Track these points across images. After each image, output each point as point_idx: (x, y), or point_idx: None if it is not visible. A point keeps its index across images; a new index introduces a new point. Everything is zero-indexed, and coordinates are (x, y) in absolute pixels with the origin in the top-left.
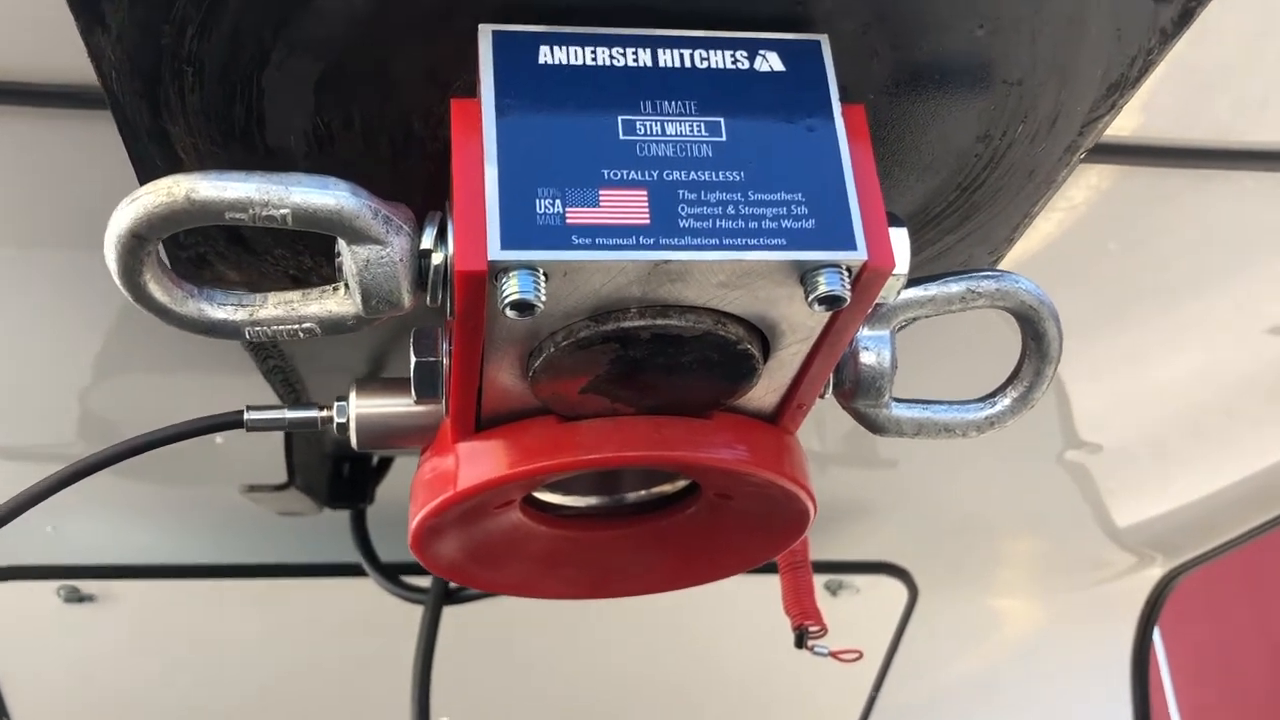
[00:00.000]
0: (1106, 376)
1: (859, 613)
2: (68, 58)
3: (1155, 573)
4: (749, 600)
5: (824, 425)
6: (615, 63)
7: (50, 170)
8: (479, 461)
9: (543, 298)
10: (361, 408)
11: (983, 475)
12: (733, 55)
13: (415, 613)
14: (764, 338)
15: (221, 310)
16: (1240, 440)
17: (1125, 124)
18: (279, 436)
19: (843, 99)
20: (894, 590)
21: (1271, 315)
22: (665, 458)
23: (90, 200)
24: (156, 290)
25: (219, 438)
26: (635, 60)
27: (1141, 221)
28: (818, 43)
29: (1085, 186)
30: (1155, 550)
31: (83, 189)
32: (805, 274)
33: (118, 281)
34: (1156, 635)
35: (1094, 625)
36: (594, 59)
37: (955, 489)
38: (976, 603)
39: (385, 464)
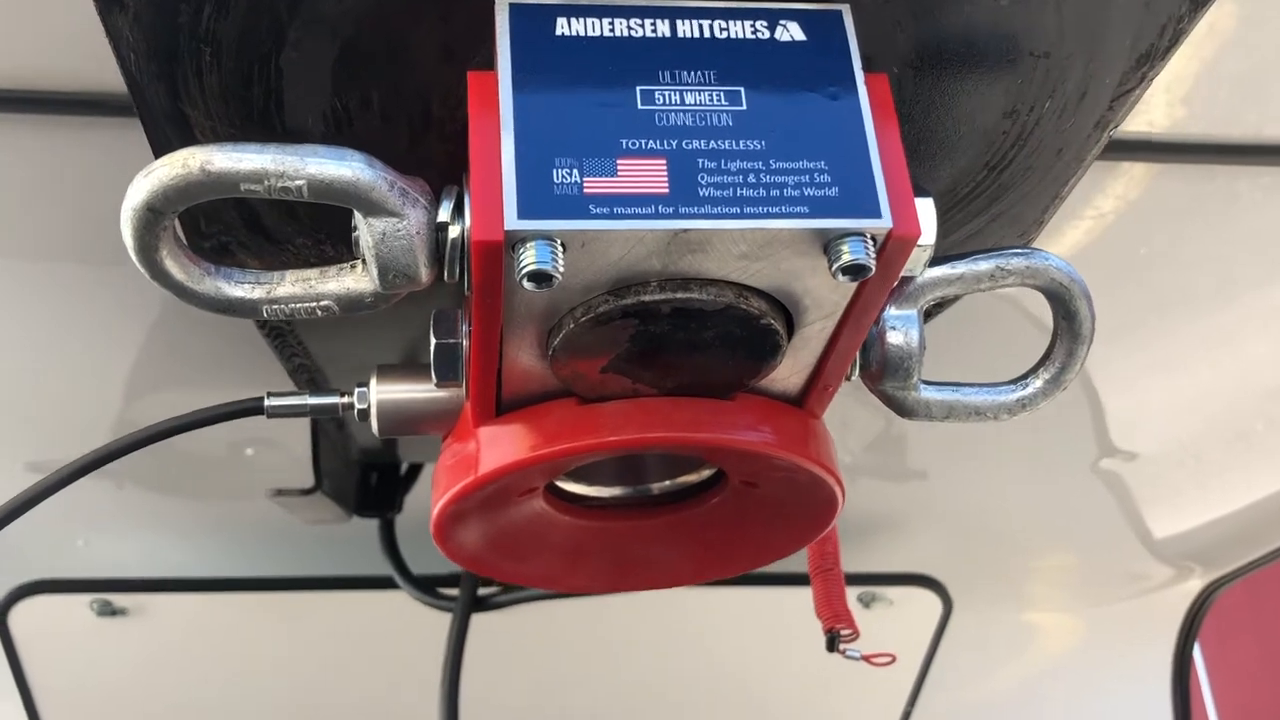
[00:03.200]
0: (1140, 383)
1: (893, 625)
2: (105, 67)
3: (1194, 585)
4: (781, 614)
5: (850, 436)
6: (633, 34)
7: (86, 182)
8: (500, 445)
9: (561, 268)
10: (382, 393)
11: (1015, 484)
12: (753, 25)
13: (443, 623)
14: (788, 313)
15: (239, 288)
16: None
17: (1157, 120)
18: (306, 447)
19: (866, 70)
20: (928, 602)
21: None
22: (688, 439)
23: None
24: (173, 267)
25: (249, 449)
26: (653, 31)
27: (1171, 226)
28: (839, 12)
29: (1113, 195)
30: (1194, 562)
31: (114, 202)
32: (829, 243)
33: (134, 257)
34: (1197, 651)
35: (1132, 640)
36: (612, 30)
37: (987, 499)
38: (1012, 616)
39: (413, 473)
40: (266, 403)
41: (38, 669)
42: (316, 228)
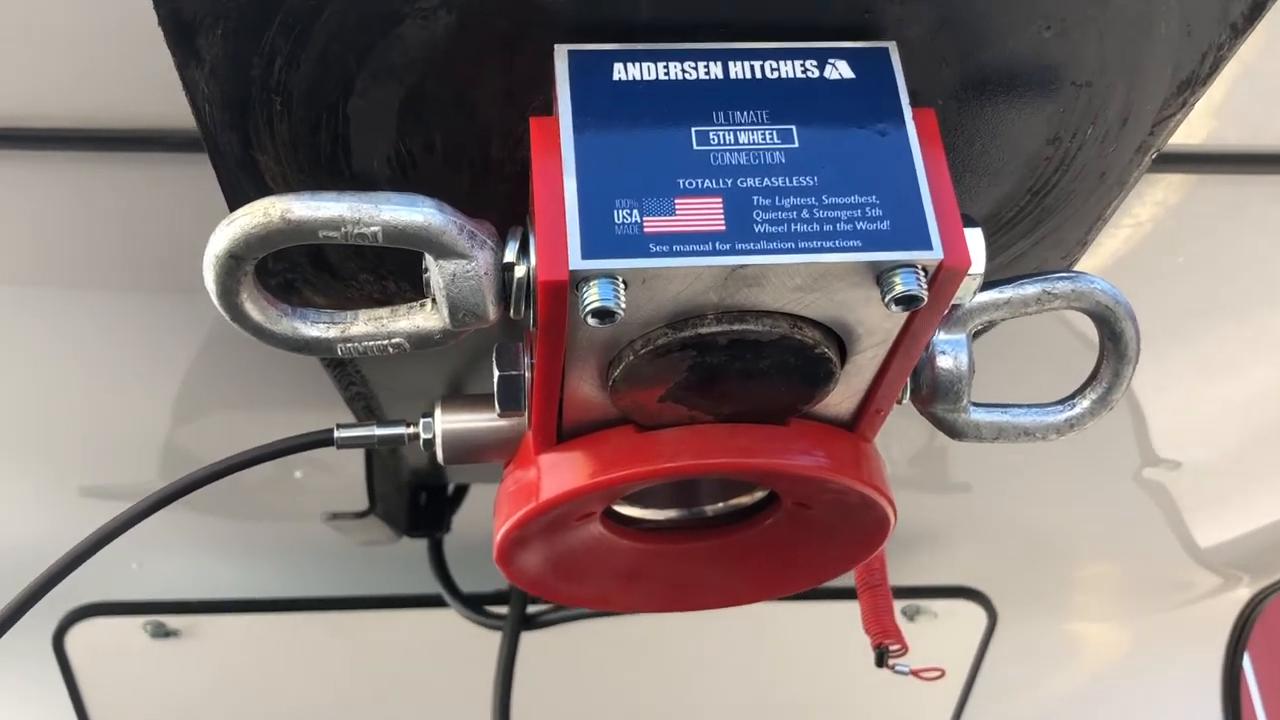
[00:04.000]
0: (1182, 392)
1: (938, 638)
2: (158, 104)
3: (1242, 594)
4: (828, 628)
5: (894, 450)
6: (687, 76)
7: (138, 215)
8: (560, 473)
9: (622, 305)
10: (447, 423)
11: (1059, 495)
12: (803, 65)
13: (494, 641)
14: (841, 341)
15: (314, 328)
16: None
17: (1194, 131)
18: (358, 470)
19: (913, 104)
20: (973, 614)
21: None
22: (743, 465)
23: (171, 244)
24: (253, 310)
25: (298, 472)
26: (707, 73)
27: (1209, 234)
28: (886, 49)
29: (1152, 202)
30: (1241, 571)
31: (166, 233)
32: (881, 275)
33: (216, 302)
34: (1246, 661)
35: (1180, 649)
36: (666, 74)
37: (1031, 510)
38: (1057, 627)
39: (461, 493)
40: (336, 434)
41: (93, 691)
42: (379, 263)
